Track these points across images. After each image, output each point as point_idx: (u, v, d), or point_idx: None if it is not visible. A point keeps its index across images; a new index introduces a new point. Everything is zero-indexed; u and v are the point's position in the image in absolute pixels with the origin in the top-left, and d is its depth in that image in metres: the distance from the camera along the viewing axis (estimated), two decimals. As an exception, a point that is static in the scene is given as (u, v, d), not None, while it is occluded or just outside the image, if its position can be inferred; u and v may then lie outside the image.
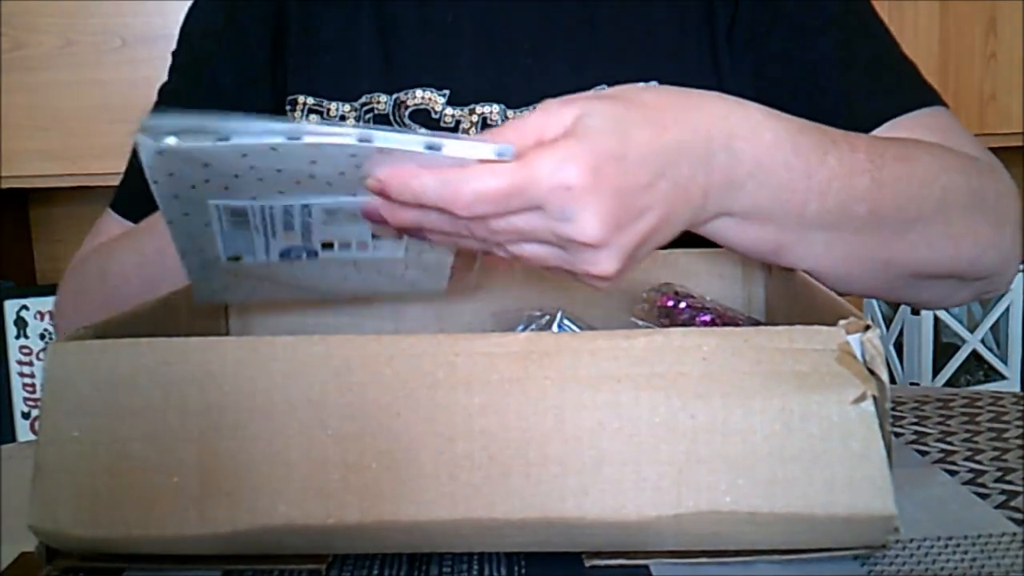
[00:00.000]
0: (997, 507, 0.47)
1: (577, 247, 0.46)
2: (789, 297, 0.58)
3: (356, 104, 0.79)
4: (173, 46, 0.87)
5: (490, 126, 0.77)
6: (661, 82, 0.75)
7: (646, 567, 0.41)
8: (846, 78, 0.72)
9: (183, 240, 0.51)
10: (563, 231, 0.45)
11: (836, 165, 0.55)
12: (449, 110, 0.78)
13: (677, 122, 0.49)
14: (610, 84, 0.76)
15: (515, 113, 0.78)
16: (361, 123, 0.79)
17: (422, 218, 0.47)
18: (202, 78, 0.85)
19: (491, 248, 0.49)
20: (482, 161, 0.44)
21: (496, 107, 0.78)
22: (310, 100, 0.80)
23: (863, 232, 0.57)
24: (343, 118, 0.79)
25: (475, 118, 0.78)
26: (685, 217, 0.50)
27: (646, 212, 0.47)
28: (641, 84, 0.58)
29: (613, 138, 0.46)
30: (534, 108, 0.49)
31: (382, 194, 0.47)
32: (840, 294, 0.50)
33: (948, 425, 0.59)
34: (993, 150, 0.73)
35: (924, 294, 0.66)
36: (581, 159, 0.44)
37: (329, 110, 0.80)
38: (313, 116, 0.80)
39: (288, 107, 0.81)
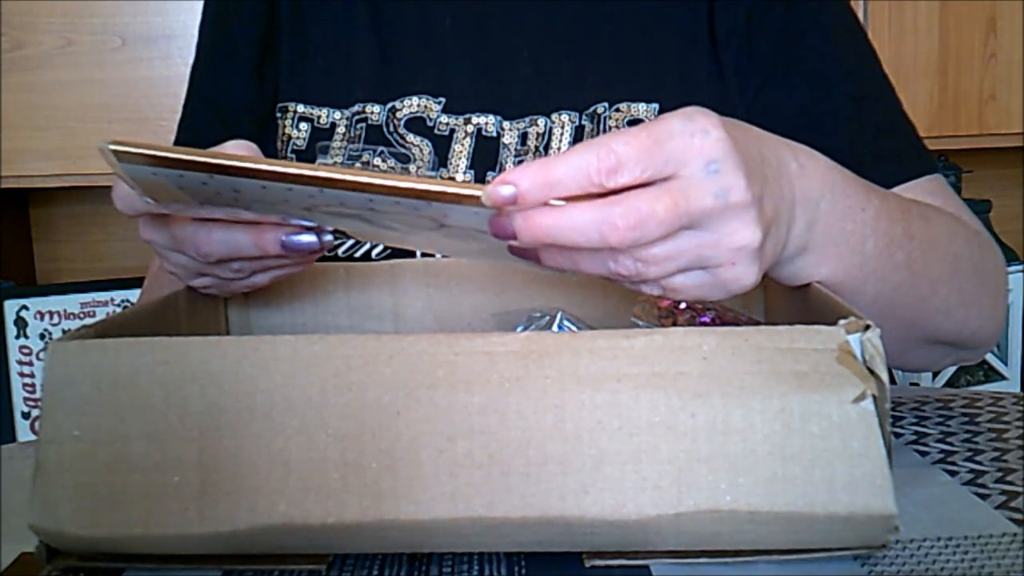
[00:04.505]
0: (997, 507, 0.47)
1: (722, 214, 0.43)
2: (789, 298, 0.58)
3: (348, 112, 0.78)
4: (173, 46, 0.87)
5: (485, 137, 0.76)
6: (664, 104, 0.75)
7: (646, 567, 0.41)
8: (856, 139, 0.72)
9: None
10: (713, 184, 0.42)
11: (879, 204, 0.55)
12: (444, 118, 0.77)
13: (750, 128, 0.48)
14: (611, 101, 0.75)
15: (511, 125, 0.76)
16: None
17: (559, 224, 0.42)
18: (203, 91, 0.85)
19: (621, 266, 0.44)
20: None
21: (492, 118, 0.77)
22: (300, 108, 0.79)
23: (899, 289, 0.57)
24: (333, 126, 0.78)
25: (470, 128, 0.76)
26: (784, 222, 0.48)
27: (766, 184, 0.46)
28: None
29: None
30: (530, 120, 0.48)
31: (511, 202, 0.41)
32: None
33: (948, 425, 0.59)
34: (993, 150, 0.73)
35: (922, 359, 0.68)
36: (707, 113, 0.43)
37: (319, 118, 0.78)
38: (303, 125, 0.78)
39: (279, 115, 0.80)
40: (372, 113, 0.77)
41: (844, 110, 0.73)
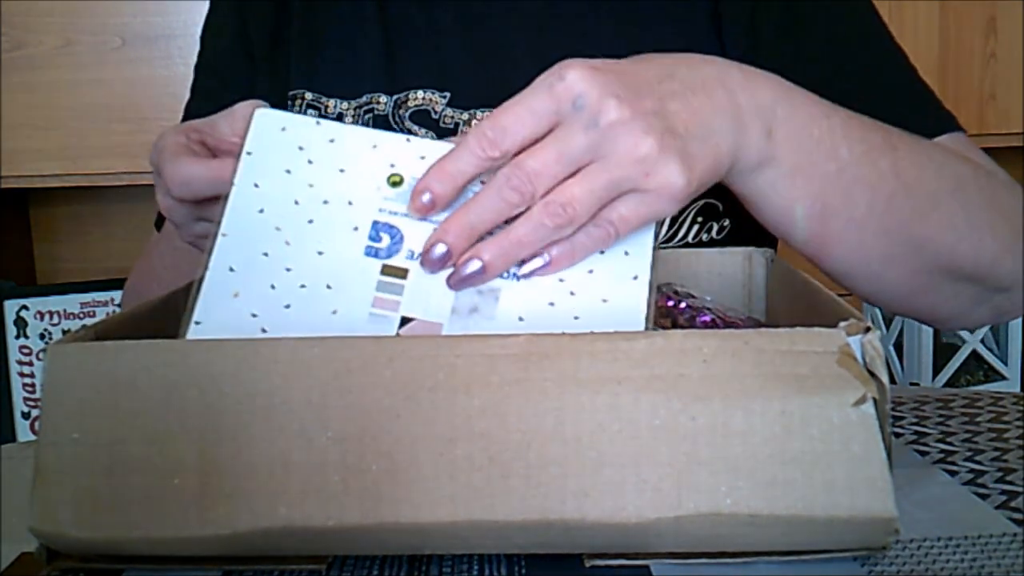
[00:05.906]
0: (997, 507, 0.47)
1: (604, 137, 0.45)
2: (790, 297, 0.58)
3: (355, 103, 0.79)
4: (173, 46, 0.87)
5: None
6: None
7: (646, 567, 0.42)
8: (871, 111, 0.72)
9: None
10: (582, 118, 0.45)
11: (847, 114, 0.56)
12: (449, 111, 0.78)
13: (656, 56, 0.50)
14: None
15: None
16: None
17: (468, 214, 0.46)
18: (218, 72, 0.86)
19: (547, 215, 0.46)
20: None
21: None
22: (309, 96, 0.80)
23: (893, 200, 0.57)
24: (341, 116, 0.79)
25: (475, 122, 0.77)
26: (720, 131, 0.49)
27: (668, 99, 0.47)
28: None
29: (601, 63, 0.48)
30: None
31: (429, 205, 0.47)
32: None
33: (948, 425, 0.59)
34: (993, 150, 0.73)
35: (948, 302, 0.65)
36: (569, 61, 0.46)
37: (328, 107, 0.80)
38: (311, 111, 0.80)
39: (289, 102, 0.81)
40: (379, 104, 0.79)
41: (854, 87, 0.73)
